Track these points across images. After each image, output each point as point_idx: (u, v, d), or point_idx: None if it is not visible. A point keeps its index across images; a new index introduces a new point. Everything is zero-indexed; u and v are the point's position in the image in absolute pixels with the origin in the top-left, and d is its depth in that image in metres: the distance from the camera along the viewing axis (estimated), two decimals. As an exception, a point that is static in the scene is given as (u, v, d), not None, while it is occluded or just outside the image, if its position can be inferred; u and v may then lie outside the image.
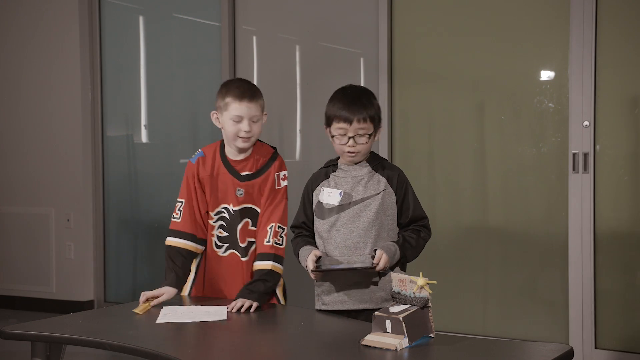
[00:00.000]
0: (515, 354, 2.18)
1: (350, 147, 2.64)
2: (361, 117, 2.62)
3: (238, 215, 2.92)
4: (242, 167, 2.92)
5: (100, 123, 5.64)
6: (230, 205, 2.93)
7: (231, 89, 2.87)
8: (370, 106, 2.66)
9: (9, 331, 2.50)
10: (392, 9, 4.51)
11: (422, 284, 2.18)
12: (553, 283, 4.11)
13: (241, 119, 2.84)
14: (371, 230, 2.64)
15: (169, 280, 2.88)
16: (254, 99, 2.86)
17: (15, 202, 5.80)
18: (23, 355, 2.95)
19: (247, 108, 2.84)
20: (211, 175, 2.93)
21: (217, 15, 5.12)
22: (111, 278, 5.64)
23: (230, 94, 2.85)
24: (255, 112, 2.86)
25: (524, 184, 4.20)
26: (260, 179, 2.93)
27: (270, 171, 2.94)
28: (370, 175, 2.70)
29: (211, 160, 2.95)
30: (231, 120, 2.84)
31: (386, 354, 2.09)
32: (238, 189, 2.91)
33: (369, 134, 2.65)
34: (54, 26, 5.64)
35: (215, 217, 2.94)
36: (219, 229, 2.95)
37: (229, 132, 2.87)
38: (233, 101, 2.84)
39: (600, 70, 3.95)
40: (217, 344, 2.34)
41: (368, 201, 2.66)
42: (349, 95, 2.68)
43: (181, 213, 2.94)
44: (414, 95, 4.48)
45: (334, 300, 2.68)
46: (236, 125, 2.84)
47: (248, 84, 2.92)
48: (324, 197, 2.70)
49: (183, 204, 2.94)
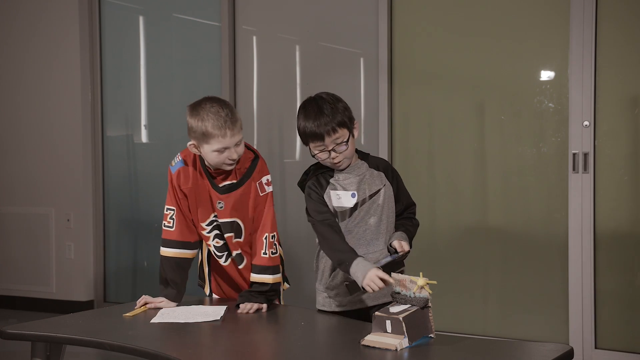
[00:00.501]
0: (515, 354, 2.18)
1: (333, 159, 2.62)
2: (330, 129, 2.56)
3: (226, 227, 2.84)
4: (223, 178, 2.80)
5: (100, 123, 5.64)
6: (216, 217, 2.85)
7: (208, 120, 2.66)
8: (335, 114, 2.58)
9: (9, 331, 2.50)
10: (392, 9, 4.51)
11: (422, 284, 2.18)
12: (553, 283, 4.11)
13: (226, 149, 2.68)
14: (380, 225, 2.69)
15: (168, 294, 2.85)
16: (235, 124, 2.67)
17: (15, 202, 5.80)
18: (23, 355, 2.95)
19: (231, 137, 2.66)
20: (194, 186, 2.83)
21: (217, 15, 5.12)
22: (111, 278, 5.64)
23: (209, 126, 2.65)
24: (238, 137, 2.69)
25: (524, 184, 4.20)
26: (241, 190, 2.79)
27: (250, 181, 2.80)
28: (370, 172, 2.72)
29: (192, 171, 2.83)
30: (215, 152, 2.68)
31: (386, 354, 2.09)
32: (218, 202, 2.81)
33: (345, 140, 2.61)
34: (54, 26, 5.64)
35: (209, 227, 2.87)
36: (215, 239, 2.88)
37: (214, 161, 2.72)
38: (214, 134, 2.65)
39: (600, 70, 3.95)
40: (217, 344, 2.34)
41: (375, 197, 2.69)
42: (310, 113, 2.60)
43: (174, 222, 2.85)
44: (414, 95, 4.48)
45: (352, 300, 2.68)
46: (221, 155, 2.69)
47: (223, 108, 2.70)
48: (335, 201, 2.68)
49: (175, 213, 2.85)
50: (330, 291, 2.73)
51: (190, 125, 2.73)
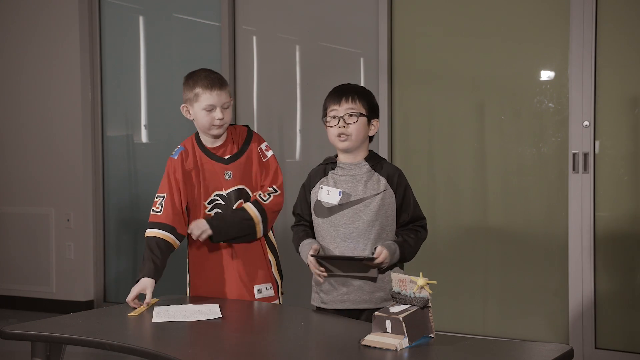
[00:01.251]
0: (515, 354, 2.18)
1: (340, 127, 2.67)
2: (349, 97, 2.68)
3: (232, 197, 2.95)
4: (224, 152, 2.98)
5: (100, 123, 5.64)
6: (222, 190, 2.96)
7: (199, 80, 2.93)
8: (362, 91, 2.73)
9: (9, 331, 2.50)
10: (392, 9, 4.51)
11: (422, 284, 2.18)
12: (553, 283, 4.11)
13: (213, 108, 2.90)
14: (371, 231, 2.64)
15: (146, 270, 2.85)
16: (223, 87, 2.94)
17: (15, 202, 5.80)
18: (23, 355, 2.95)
19: (218, 96, 2.91)
20: (195, 166, 2.98)
21: (217, 15, 5.12)
22: (111, 278, 5.64)
23: (199, 85, 2.92)
24: (226, 99, 2.93)
25: (524, 184, 4.20)
26: (244, 157, 2.98)
27: (251, 148, 3.00)
28: (370, 175, 2.69)
29: (192, 153, 3.00)
30: (203, 111, 2.90)
31: (386, 354, 2.09)
32: (226, 172, 2.96)
33: (358, 113, 2.67)
34: (54, 26, 5.64)
35: (210, 205, 2.97)
36: None
37: (203, 122, 2.93)
38: (203, 92, 2.90)
39: (600, 70, 3.95)
40: (217, 343, 2.34)
41: (368, 201, 2.65)
42: (342, 85, 2.78)
43: (162, 207, 2.93)
44: (414, 95, 4.48)
45: (333, 299, 2.68)
46: (209, 115, 2.90)
47: (213, 73, 2.98)
48: (323, 195, 2.69)
49: (165, 198, 2.94)
50: (317, 287, 2.74)
51: (184, 88, 2.98)
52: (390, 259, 2.60)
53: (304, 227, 2.80)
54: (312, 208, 2.75)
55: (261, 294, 2.95)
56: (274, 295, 2.98)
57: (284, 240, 3.40)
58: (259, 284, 2.96)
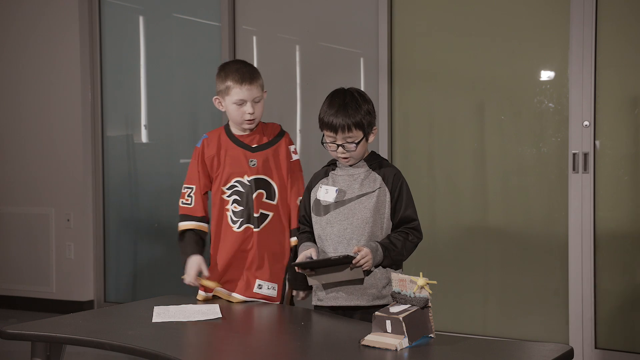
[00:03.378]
0: (515, 354, 2.18)
1: (340, 154, 2.68)
2: (345, 126, 2.63)
3: (252, 185, 2.94)
4: (251, 140, 2.98)
5: (100, 123, 5.64)
6: (244, 177, 2.96)
7: (230, 73, 2.92)
8: (356, 113, 2.64)
9: (9, 331, 2.50)
10: (392, 9, 4.51)
11: (422, 284, 2.18)
12: (553, 283, 4.11)
13: (244, 102, 2.90)
14: (365, 228, 2.64)
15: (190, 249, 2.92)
16: (254, 81, 2.92)
17: (15, 202, 5.80)
18: (23, 355, 2.96)
19: (248, 91, 2.90)
20: (218, 152, 2.98)
21: (217, 15, 5.12)
22: (111, 278, 5.64)
23: (230, 78, 2.91)
24: (257, 94, 2.92)
25: (524, 184, 4.20)
26: (272, 149, 2.99)
27: (281, 143, 3.01)
28: (367, 174, 2.71)
29: (216, 140, 3.00)
30: (234, 105, 2.91)
31: (386, 354, 2.09)
32: (251, 160, 2.96)
33: (356, 141, 2.65)
34: (54, 26, 5.64)
35: (229, 191, 2.97)
36: (233, 204, 2.96)
37: (234, 116, 2.94)
38: (234, 86, 2.90)
39: (600, 70, 3.95)
40: (217, 343, 2.35)
41: (363, 199, 2.66)
42: (335, 103, 2.68)
43: (192, 199, 2.98)
44: (414, 95, 4.48)
45: (327, 296, 2.69)
46: (240, 109, 2.91)
47: (246, 66, 2.97)
48: (321, 194, 2.72)
49: (194, 190, 2.98)
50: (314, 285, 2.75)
51: (217, 80, 2.98)
52: (373, 257, 2.58)
53: (306, 235, 2.81)
54: (312, 207, 2.76)
55: (261, 289, 2.92)
56: (275, 297, 2.94)
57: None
58: (263, 280, 2.93)
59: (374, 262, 2.60)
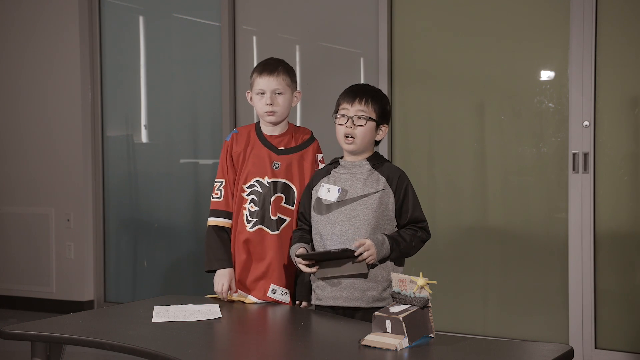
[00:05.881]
0: (515, 354, 2.18)
1: (347, 128, 2.68)
2: (363, 99, 2.69)
3: (272, 187, 2.93)
4: (279, 142, 2.97)
5: (100, 123, 5.64)
6: (265, 178, 2.95)
7: (259, 66, 2.97)
8: (376, 95, 2.73)
9: (9, 331, 2.50)
10: (392, 9, 4.51)
11: (422, 284, 2.18)
12: (553, 283, 4.11)
13: (264, 93, 2.92)
14: (367, 229, 2.63)
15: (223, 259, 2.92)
16: (275, 73, 2.92)
17: (15, 202, 5.80)
18: (23, 355, 2.96)
19: (267, 81, 2.91)
20: (244, 149, 2.98)
21: (217, 15, 5.12)
22: (111, 278, 5.64)
23: (256, 70, 2.96)
24: (277, 86, 2.91)
25: (524, 184, 4.20)
26: (299, 154, 2.97)
27: (309, 149, 2.99)
28: (370, 173, 2.70)
29: (246, 136, 3.00)
30: (257, 96, 2.94)
31: (386, 354, 2.09)
32: (274, 162, 2.95)
33: (367, 117, 2.68)
34: (54, 26, 5.64)
35: (248, 190, 2.96)
36: (250, 204, 2.95)
37: (257, 107, 2.97)
38: (257, 76, 2.94)
39: (600, 70, 3.95)
40: (217, 343, 2.35)
41: (365, 199, 2.66)
42: (359, 85, 2.79)
43: (222, 193, 2.98)
44: (414, 95, 4.48)
45: (327, 295, 2.69)
46: (261, 100, 2.93)
47: (275, 60, 2.98)
48: (323, 193, 2.72)
49: (223, 184, 2.99)
50: (313, 284, 2.75)
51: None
52: (378, 251, 2.58)
53: (300, 233, 2.81)
54: (312, 205, 2.76)
55: (274, 294, 2.90)
56: (288, 302, 2.93)
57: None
58: (277, 285, 2.92)
59: (380, 255, 2.58)
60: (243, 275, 2.95)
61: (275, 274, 2.91)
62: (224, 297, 2.88)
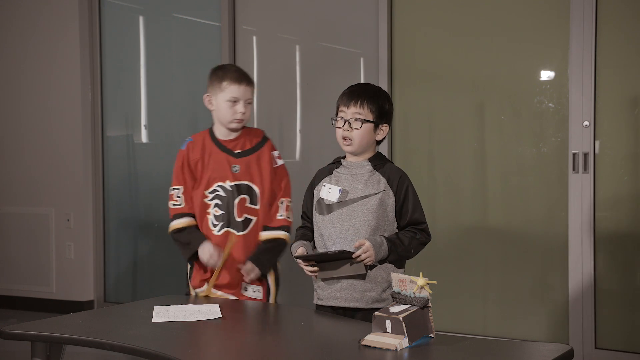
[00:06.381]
0: (515, 354, 2.18)
1: (345, 130, 2.68)
2: (358, 101, 2.68)
3: (235, 191, 3.03)
4: (235, 146, 3.07)
5: (100, 123, 5.64)
6: (226, 182, 3.03)
7: (229, 73, 3.05)
8: (374, 97, 2.71)
9: (9, 331, 2.50)
10: (392, 9, 4.51)
11: (422, 284, 2.18)
12: (553, 283, 4.11)
13: (238, 101, 3.01)
14: (367, 229, 2.63)
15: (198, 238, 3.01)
16: (250, 84, 3.07)
17: (15, 202, 5.80)
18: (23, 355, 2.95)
19: (244, 91, 3.02)
20: (202, 156, 3.06)
21: (217, 15, 5.12)
22: (111, 278, 5.64)
23: (227, 77, 3.03)
24: (250, 96, 3.06)
25: (524, 184, 4.20)
26: (255, 155, 3.07)
27: (264, 149, 3.10)
28: (371, 174, 2.70)
29: (201, 144, 3.08)
30: (227, 102, 3.01)
31: (386, 354, 2.09)
32: (234, 166, 3.04)
33: (363, 119, 2.67)
34: (54, 26, 5.64)
35: (210, 195, 3.05)
36: (214, 208, 3.04)
37: (224, 114, 3.03)
38: (231, 84, 3.01)
39: (600, 70, 3.95)
40: (217, 343, 2.35)
41: (365, 200, 2.65)
42: (357, 85, 2.78)
43: (182, 199, 3.08)
44: (414, 95, 4.48)
45: (327, 296, 2.69)
46: (232, 107, 3.01)
47: (242, 70, 3.11)
48: (324, 193, 2.72)
49: (182, 190, 3.08)
50: (315, 283, 2.76)
51: (211, 79, 3.08)
52: (376, 252, 2.58)
53: (303, 230, 2.82)
54: (315, 206, 2.76)
55: (246, 292, 3.02)
56: (261, 298, 3.04)
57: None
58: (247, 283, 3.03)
59: (378, 257, 2.58)
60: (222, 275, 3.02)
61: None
62: (216, 261, 2.95)
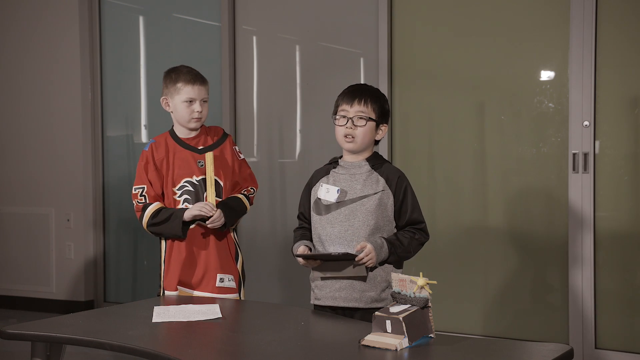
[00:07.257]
0: (515, 354, 2.18)
1: (347, 128, 2.69)
2: (362, 99, 2.70)
3: (202, 184, 3.12)
4: (197, 143, 3.19)
5: (100, 123, 5.64)
6: (193, 177, 3.13)
7: (181, 75, 3.17)
8: (375, 96, 2.74)
9: (9, 331, 2.50)
10: (392, 9, 4.51)
11: (422, 284, 2.18)
12: (553, 283, 4.11)
13: (194, 101, 3.14)
14: (366, 230, 2.64)
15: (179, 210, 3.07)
16: (204, 83, 3.19)
17: (15, 202, 5.80)
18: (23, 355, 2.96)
19: (199, 90, 3.15)
20: (166, 155, 3.15)
21: (217, 15, 5.12)
22: (111, 278, 5.64)
23: (181, 79, 3.15)
24: (205, 95, 3.18)
25: (524, 184, 4.20)
26: (218, 150, 3.19)
27: (226, 144, 3.22)
28: (369, 174, 2.70)
29: (164, 144, 3.18)
30: (184, 103, 3.14)
31: (386, 354, 2.09)
32: (199, 161, 3.14)
33: (367, 118, 2.68)
34: (54, 26, 5.64)
35: (179, 191, 3.13)
36: (184, 203, 3.12)
37: (182, 114, 3.15)
38: (185, 85, 3.14)
39: (600, 70, 3.95)
40: (217, 343, 2.35)
41: (364, 200, 2.65)
42: (357, 85, 2.81)
43: (145, 197, 3.14)
44: (414, 95, 4.48)
45: (325, 295, 2.69)
46: (189, 107, 3.14)
47: (194, 70, 3.22)
48: (322, 193, 2.72)
49: (145, 189, 3.14)
50: (312, 283, 2.76)
51: (166, 82, 3.21)
52: (377, 254, 2.59)
53: (302, 231, 2.82)
54: (312, 206, 2.76)
55: (223, 283, 3.09)
56: (235, 287, 3.13)
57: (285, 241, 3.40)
58: (222, 273, 3.10)
59: (379, 259, 2.59)
60: (187, 274, 3.11)
61: (218, 264, 3.11)
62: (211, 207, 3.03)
